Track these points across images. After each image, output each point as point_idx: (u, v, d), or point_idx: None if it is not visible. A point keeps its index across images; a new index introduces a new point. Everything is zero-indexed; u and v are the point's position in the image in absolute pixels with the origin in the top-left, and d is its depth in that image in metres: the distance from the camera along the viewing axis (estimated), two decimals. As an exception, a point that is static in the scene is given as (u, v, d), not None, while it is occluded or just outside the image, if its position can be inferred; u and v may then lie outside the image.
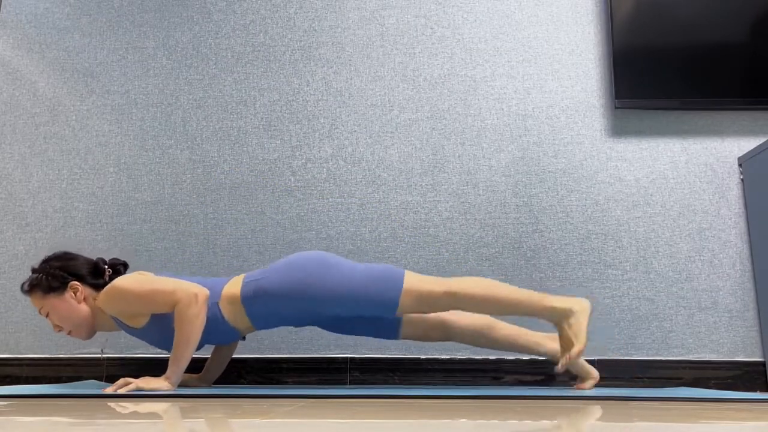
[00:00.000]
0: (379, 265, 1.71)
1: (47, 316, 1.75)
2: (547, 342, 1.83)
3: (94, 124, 2.43)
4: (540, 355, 1.85)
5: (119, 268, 1.83)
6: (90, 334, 1.79)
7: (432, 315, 1.82)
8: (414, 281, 1.67)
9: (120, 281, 1.68)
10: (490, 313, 1.71)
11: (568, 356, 1.62)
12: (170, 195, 2.35)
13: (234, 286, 1.73)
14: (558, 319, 1.67)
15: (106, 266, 1.80)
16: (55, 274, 1.73)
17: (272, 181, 2.35)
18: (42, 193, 2.37)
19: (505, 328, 1.83)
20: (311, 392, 1.52)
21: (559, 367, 1.65)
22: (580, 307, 1.67)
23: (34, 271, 1.76)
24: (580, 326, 1.64)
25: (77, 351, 2.23)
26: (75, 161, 2.40)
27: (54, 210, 2.36)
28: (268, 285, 1.68)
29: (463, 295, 1.65)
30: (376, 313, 1.69)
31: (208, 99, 2.43)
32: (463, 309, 1.69)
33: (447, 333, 1.85)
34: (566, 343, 1.66)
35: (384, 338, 1.87)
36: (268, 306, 1.70)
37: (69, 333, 1.77)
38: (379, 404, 1.25)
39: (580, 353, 1.62)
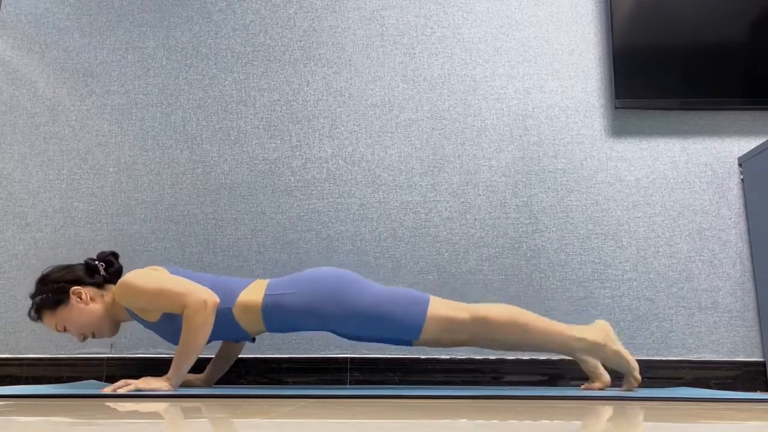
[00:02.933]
0: (404, 290, 1.71)
1: (65, 330, 1.75)
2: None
3: (94, 124, 2.43)
4: (563, 354, 1.84)
5: (109, 259, 1.83)
6: (113, 329, 1.80)
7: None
8: (439, 307, 1.67)
9: (131, 277, 1.68)
10: (517, 343, 1.70)
11: (635, 379, 1.68)
12: (170, 195, 2.35)
13: (254, 294, 1.71)
14: (592, 353, 1.68)
15: (96, 262, 1.80)
16: (54, 288, 1.73)
17: (272, 181, 2.35)
18: (42, 193, 2.37)
19: None
20: (311, 392, 1.52)
21: (624, 388, 1.70)
22: (605, 336, 1.69)
23: (33, 296, 1.76)
24: (617, 350, 1.69)
25: (77, 351, 2.23)
26: (75, 161, 2.40)
27: (54, 210, 2.36)
28: (292, 302, 1.68)
29: (490, 323, 1.65)
30: (398, 337, 1.69)
31: (208, 99, 2.43)
32: (488, 336, 1.68)
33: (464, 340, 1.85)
34: (622, 367, 1.70)
35: (399, 345, 1.86)
36: (288, 319, 1.70)
37: (93, 336, 1.77)
38: (379, 404, 1.25)
39: (636, 368, 1.68)
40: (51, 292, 1.73)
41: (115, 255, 1.85)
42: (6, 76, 2.48)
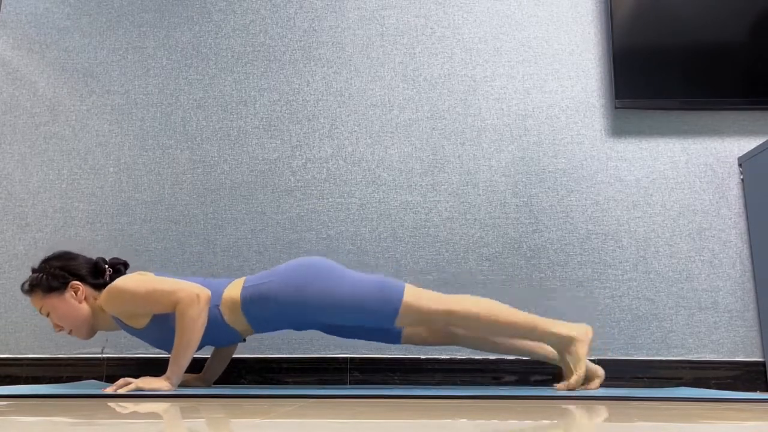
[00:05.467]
0: (379, 277, 1.71)
1: (47, 315, 1.75)
2: (548, 346, 1.83)
3: (94, 124, 2.43)
4: (541, 358, 1.86)
5: (120, 267, 1.82)
6: (90, 333, 1.79)
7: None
8: (414, 297, 1.67)
9: (120, 281, 1.68)
10: (490, 335, 1.73)
11: (566, 385, 1.67)
12: (170, 195, 2.35)
13: (234, 289, 1.72)
14: (559, 346, 1.69)
15: (107, 266, 1.80)
16: (55, 274, 1.73)
17: (272, 181, 2.35)
18: (42, 193, 2.37)
19: None
20: (311, 392, 1.52)
21: (558, 388, 1.69)
22: (580, 334, 1.68)
23: (34, 271, 1.76)
24: (579, 355, 1.67)
25: (77, 351, 2.23)
26: (75, 161, 2.40)
27: (54, 210, 2.36)
28: (268, 290, 1.68)
29: (462, 316, 1.66)
30: (375, 324, 1.70)
31: (208, 99, 2.43)
32: (461, 328, 1.71)
33: (449, 338, 1.86)
34: (567, 371, 1.70)
35: (386, 342, 1.87)
36: (266, 311, 1.70)
37: (69, 332, 1.77)
38: (379, 404, 1.25)
39: (577, 383, 1.66)
40: (51, 276, 1.73)
41: (126, 265, 1.85)
42: (6, 76, 2.48)
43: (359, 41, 2.46)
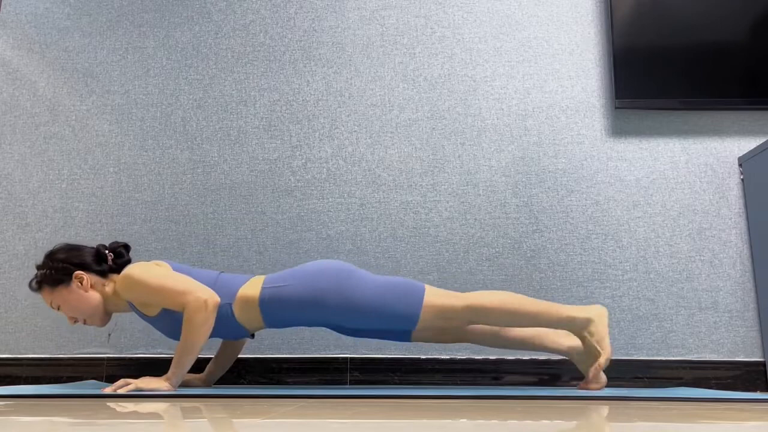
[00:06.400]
0: (400, 279, 1.72)
1: (59, 309, 1.76)
2: (564, 339, 1.82)
3: (94, 124, 2.43)
4: (557, 353, 1.84)
5: (120, 250, 1.83)
6: (104, 320, 1.81)
7: None
8: (434, 296, 1.69)
9: (134, 270, 1.69)
10: (510, 326, 1.72)
11: (597, 366, 1.65)
12: (170, 195, 2.35)
13: (252, 288, 1.72)
14: (578, 329, 1.68)
15: (107, 251, 1.81)
16: (58, 267, 1.74)
17: (272, 181, 2.35)
18: (42, 193, 2.37)
19: (519, 328, 1.83)
20: (311, 392, 1.52)
21: (590, 377, 1.68)
22: (598, 314, 1.69)
23: (38, 267, 1.77)
24: (601, 334, 1.67)
25: (77, 351, 2.23)
26: (75, 161, 2.40)
27: (54, 210, 2.36)
28: (289, 293, 1.69)
29: (482, 309, 1.67)
30: (396, 327, 1.71)
31: (208, 99, 2.43)
32: (482, 323, 1.71)
33: (460, 335, 1.86)
34: (592, 353, 1.69)
35: (396, 341, 1.87)
36: (285, 312, 1.71)
37: (84, 322, 1.79)
38: (379, 404, 1.25)
39: (607, 361, 1.65)
40: (55, 269, 1.74)
41: (126, 247, 1.86)
42: (6, 76, 2.48)
43: (359, 41, 2.46)
